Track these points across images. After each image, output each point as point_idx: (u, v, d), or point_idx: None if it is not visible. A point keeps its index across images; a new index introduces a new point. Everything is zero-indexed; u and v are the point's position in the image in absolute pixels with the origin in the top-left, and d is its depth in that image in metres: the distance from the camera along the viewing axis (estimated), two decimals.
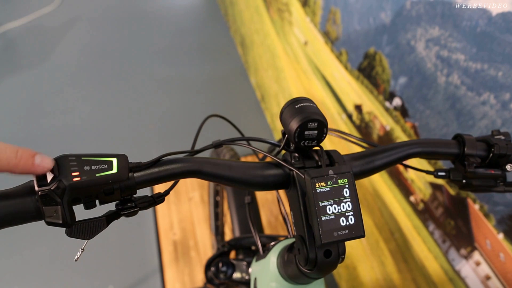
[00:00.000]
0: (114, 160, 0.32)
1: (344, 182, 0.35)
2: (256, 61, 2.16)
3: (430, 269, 0.93)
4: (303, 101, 0.38)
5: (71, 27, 2.75)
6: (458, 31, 0.72)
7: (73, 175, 0.30)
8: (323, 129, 0.37)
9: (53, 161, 0.30)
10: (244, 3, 2.19)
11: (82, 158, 0.31)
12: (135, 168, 0.35)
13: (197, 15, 2.95)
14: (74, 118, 2.09)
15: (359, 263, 1.29)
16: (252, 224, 0.61)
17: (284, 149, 0.41)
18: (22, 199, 0.30)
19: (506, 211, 0.69)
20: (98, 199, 0.33)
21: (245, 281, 0.73)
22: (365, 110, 1.09)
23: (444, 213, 0.85)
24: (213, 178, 0.38)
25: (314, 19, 1.29)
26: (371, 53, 1.00)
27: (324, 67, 1.30)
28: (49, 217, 0.29)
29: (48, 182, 0.29)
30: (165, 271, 1.53)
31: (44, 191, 0.29)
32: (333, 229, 0.34)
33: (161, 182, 0.36)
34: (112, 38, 2.68)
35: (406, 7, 0.85)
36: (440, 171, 0.49)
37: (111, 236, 1.57)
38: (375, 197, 1.13)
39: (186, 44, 2.62)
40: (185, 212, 1.72)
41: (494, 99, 0.66)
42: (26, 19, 2.80)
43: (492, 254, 0.73)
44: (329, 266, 0.37)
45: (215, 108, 2.17)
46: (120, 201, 0.34)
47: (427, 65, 0.81)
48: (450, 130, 0.78)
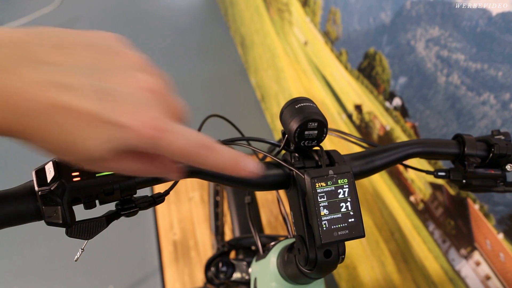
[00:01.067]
0: None
1: (344, 182, 0.35)
2: (256, 61, 2.16)
3: (430, 269, 0.93)
4: (303, 101, 0.38)
5: (71, 27, 2.74)
6: (458, 31, 0.72)
7: (73, 175, 0.30)
8: (323, 129, 0.37)
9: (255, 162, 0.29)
10: (244, 3, 2.19)
11: None
12: None
13: (197, 15, 2.95)
14: None
15: (359, 263, 1.29)
16: (252, 224, 0.61)
17: (284, 149, 0.41)
18: (22, 199, 0.30)
19: (506, 211, 0.69)
20: (98, 199, 0.33)
21: (245, 281, 0.73)
22: (365, 110, 1.09)
23: (444, 213, 0.85)
24: (213, 178, 0.38)
25: (314, 19, 1.29)
26: (371, 53, 1.00)
27: (324, 67, 1.30)
28: (49, 217, 0.29)
29: (48, 182, 0.29)
30: (165, 271, 1.53)
31: (44, 191, 0.29)
32: (333, 229, 0.34)
33: (161, 182, 0.36)
34: None
35: (406, 7, 0.85)
36: (440, 171, 0.49)
37: (111, 236, 1.57)
38: (375, 197, 1.13)
39: (186, 44, 2.62)
40: (185, 212, 1.72)
41: (494, 99, 0.66)
42: (26, 19, 2.80)
43: (492, 254, 0.73)
44: (329, 266, 0.37)
45: (215, 108, 2.17)
46: (120, 201, 0.34)
47: (427, 65, 0.81)
48: (450, 130, 0.78)
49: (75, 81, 0.22)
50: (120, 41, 0.27)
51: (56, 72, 0.22)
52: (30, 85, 0.21)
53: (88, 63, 0.23)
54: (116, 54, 0.25)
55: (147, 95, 0.24)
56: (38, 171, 0.30)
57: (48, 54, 0.22)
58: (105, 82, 0.23)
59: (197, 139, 0.25)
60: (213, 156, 0.26)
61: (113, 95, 0.23)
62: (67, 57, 0.23)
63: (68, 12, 2.89)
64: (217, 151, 0.26)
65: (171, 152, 0.24)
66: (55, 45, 0.23)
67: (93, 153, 0.23)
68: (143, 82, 0.24)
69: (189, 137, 0.25)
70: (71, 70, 0.22)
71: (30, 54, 0.21)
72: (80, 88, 0.22)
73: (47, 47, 0.22)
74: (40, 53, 0.22)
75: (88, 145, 0.23)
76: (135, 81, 0.24)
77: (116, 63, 0.25)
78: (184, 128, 0.25)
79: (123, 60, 0.25)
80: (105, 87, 0.23)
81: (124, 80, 0.24)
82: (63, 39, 0.24)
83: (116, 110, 0.22)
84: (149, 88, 0.24)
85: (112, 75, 0.24)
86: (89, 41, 0.25)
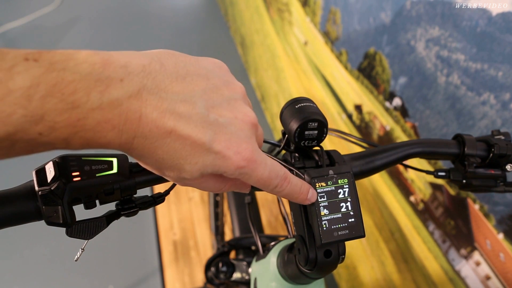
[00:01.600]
0: (114, 160, 0.32)
1: (344, 182, 0.35)
2: (256, 61, 2.16)
3: (430, 269, 0.93)
4: (303, 101, 0.38)
5: (71, 27, 2.76)
6: (458, 31, 0.72)
7: (73, 175, 0.30)
8: (323, 129, 0.37)
9: (316, 195, 0.34)
10: (244, 3, 2.19)
11: (82, 158, 0.31)
12: (135, 168, 0.35)
13: (197, 15, 2.95)
14: None
15: (359, 263, 1.29)
16: (252, 224, 0.61)
17: (284, 149, 0.41)
18: (22, 199, 0.30)
19: (506, 211, 0.69)
20: (98, 199, 0.33)
21: (245, 281, 0.73)
22: (365, 110, 1.09)
23: (444, 213, 0.85)
24: None
25: (314, 19, 1.29)
26: (371, 53, 1.00)
27: (324, 67, 1.30)
28: (49, 217, 0.29)
29: (48, 182, 0.29)
30: (165, 271, 1.53)
31: (44, 191, 0.29)
32: (333, 229, 0.34)
33: (162, 182, 0.36)
34: (112, 38, 2.68)
35: (406, 7, 0.85)
36: (440, 171, 0.49)
37: (111, 236, 1.57)
38: (375, 197, 1.13)
39: (186, 44, 2.62)
40: (185, 212, 1.72)
41: (494, 99, 0.66)
42: (26, 19, 2.80)
43: (492, 254, 0.73)
44: (329, 266, 0.37)
45: None
46: (120, 201, 0.34)
47: (427, 65, 0.81)
48: (450, 130, 0.78)
49: (193, 111, 0.25)
50: (226, 69, 0.31)
51: (177, 101, 0.25)
52: (155, 113, 0.24)
53: (203, 93, 0.26)
54: (225, 84, 0.29)
55: (247, 128, 0.28)
56: (38, 171, 0.30)
57: (170, 84, 0.25)
58: (217, 114, 0.26)
59: (278, 171, 0.29)
60: (288, 188, 0.30)
61: (222, 128, 0.26)
62: (186, 87, 0.26)
63: (68, 12, 2.89)
64: (291, 182, 0.31)
65: (255, 181, 0.28)
66: (177, 75, 0.26)
67: (191, 174, 0.27)
68: (245, 116, 0.28)
69: (272, 168, 0.29)
70: (189, 100, 0.25)
71: (157, 83, 0.24)
72: (196, 119, 0.25)
73: (170, 77, 0.25)
74: (164, 83, 0.25)
75: (191, 168, 0.26)
76: (240, 114, 0.28)
77: (226, 95, 0.28)
78: (269, 159, 0.29)
79: (230, 91, 0.28)
80: (216, 120, 0.26)
81: (231, 113, 0.27)
82: (183, 68, 0.27)
83: (223, 142, 0.26)
84: (249, 121, 0.28)
85: (221, 107, 0.27)
86: (204, 69, 0.28)
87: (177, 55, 0.27)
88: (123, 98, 0.22)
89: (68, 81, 0.21)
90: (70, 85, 0.21)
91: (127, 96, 0.23)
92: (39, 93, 0.20)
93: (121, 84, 0.22)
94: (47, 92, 0.20)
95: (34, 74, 0.20)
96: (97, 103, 0.21)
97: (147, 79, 0.24)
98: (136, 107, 0.23)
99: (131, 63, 0.24)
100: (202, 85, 0.27)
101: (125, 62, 0.23)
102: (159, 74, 0.25)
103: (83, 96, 0.21)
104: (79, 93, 0.21)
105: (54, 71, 0.20)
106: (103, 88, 0.22)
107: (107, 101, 0.22)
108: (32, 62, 0.20)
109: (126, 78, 0.23)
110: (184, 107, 0.25)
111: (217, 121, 0.26)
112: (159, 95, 0.24)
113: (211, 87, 0.27)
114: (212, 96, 0.27)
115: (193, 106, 0.25)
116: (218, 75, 0.29)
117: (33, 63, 0.20)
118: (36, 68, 0.20)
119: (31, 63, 0.20)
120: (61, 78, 0.20)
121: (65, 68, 0.21)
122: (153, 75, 0.24)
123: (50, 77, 0.20)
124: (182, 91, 0.25)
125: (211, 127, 0.26)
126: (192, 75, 0.27)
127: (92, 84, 0.21)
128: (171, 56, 0.27)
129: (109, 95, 0.22)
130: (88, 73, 0.21)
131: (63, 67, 0.21)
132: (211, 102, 0.27)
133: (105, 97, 0.22)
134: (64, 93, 0.20)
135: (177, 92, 0.25)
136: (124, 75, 0.23)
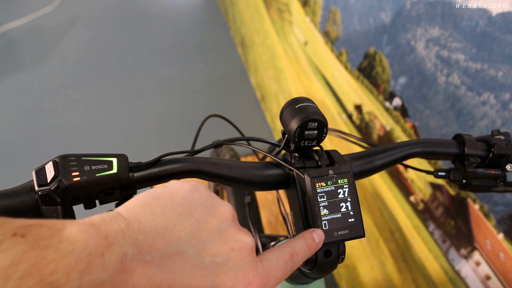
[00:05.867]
0: (114, 160, 0.32)
1: (344, 182, 0.35)
2: (256, 61, 2.16)
3: (430, 269, 0.93)
4: (303, 101, 0.38)
5: (71, 27, 2.76)
6: (458, 31, 0.72)
7: (73, 175, 0.30)
8: (323, 129, 0.37)
9: (322, 233, 0.34)
10: (244, 3, 2.19)
11: (82, 158, 0.31)
12: (135, 168, 0.35)
13: (197, 15, 2.95)
14: (74, 118, 2.09)
15: (359, 263, 1.29)
16: (252, 224, 0.61)
17: (284, 149, 0.41)
18: (22, 199, 0.30)
19: (506, 211, 0.69)
20: (98, 199, 0.33)
21: None
22: (365, 110, 1.09)
23: (444, 213, 0.85)
24: (213, 178, 0.38)
25: (314, 19, 1.29)
26: (371, 53, 1.00)
27: (324, 67, 1.30)
28: (49, 217, 0.29)
29: (48, 182, 0.29)
30: None
31: (44, 191, 0.29)
32: (333, 229, 0.34)
33: (161, 182, 0.36)
34: (112, 38, 2.68)
35: (406, 7, 0.85)
36: (440, 171, 0.49)
37: None
38: (375, 197, 1.13)
39: (186, 44, 2.62)
40: None
41: (494, 99, 0.66)
42: (26, 19, 2.80)
43: (492, 254, 0.73)
44: (329, 266, 0.37)
45: (215, 108, 2.17)
46: (120, 201, 0.34)
47: (427, 65, 0.81)
48: (450, 130, 0.78)
49: (186, 262, 0.24)
50: (204, 190, 0.29)
51: (165, 258, 0.24)
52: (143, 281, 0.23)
53: (190, 237, 0.26)
54: (209, 213, 0.28)
55: (246, 254, 0.27)
56: (38, 171, 0.30)
57: (153, 242, 0.24)
58: (211, 255, 0.26)
59: (285, 259, 0.29)
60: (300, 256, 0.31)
61: (221, 267, 0.26)
62: (170, 238, 0.25)
63: (68, 12, 2.89)
64: (299, 252, 0.31)
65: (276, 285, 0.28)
66: (157, 229, 0.25)
67: None
68: (241, 244, 0.27)
69: (280, 264, 0.29)
70: (178, 251, 0.25)
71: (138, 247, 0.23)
72: (192, 269, 0.24)
73: (151, 234, 0.24)
74: (146, 243, 0.24)
75: None
76: (235, 244, 0.27)
77: (214, 227, 0.27)
78: (271, 262, 0.29)
79: (218, 220, 0.28)
80: (213, 262, 0.25)
81: (226, 246, 0.27)
82: (162, 216, 0.26)
83: (228, 281, 0.25)
84: (247, 248, 0.27)
85: (213, 244, 0.26)
86: (183, 205, 0.27)
87: (149, 202, 0.26)
88: (104, 276, 0.21)
89: (48, 260, 0.20)
90: (49, 264, 0.20)
91: (108, 273, 0.21)
92: (18, 272, 0.19)
93: (102, 260, 0.21)
94: (26, 272, 0.19)
95: (17, 252, 0.19)
96: (76, 283, 0.20)
97: (127, 246, 0.23)
98: (121, 281, 0.22)
99: (111, 232, 0.23)
100: (186, 228, 0.26)
101: (106, 232, 0.23)
102: (139, 234, 0.24)
103: (62, 277, 0.20)
104: (58, 273, 0.20)
105: (37, 248, 0.20)
106: (83, 266, 0.21)
107: (88, 282, 0.21)
108: (19, 238, 0.19)
109: (106, 252, 0.22)
110: (175, 261, 0.24)
111: (214, 262, 0.25)
112: (144, 260, 0.23)
113: (196, 225, 0.26)
114: (200, 236, 0.26)
115: (184, 257, 0.24)
116: (199, 204, 0.28)
117: (19, 239, 0.19)
118: (21, 245, 0.19)
119: (17, 239, 0.19)
120: (42, 257, 0.19)
121: (48, 246, 0.20)
122: (132, 238, 0.23)
123: (32, 255, 0.19)
124: (168, 244, 0.24)
125: (210, 270, 0.25)
126: (173, 219, 0.26)
127: (72, 263, 0.20)
128: (146, 206, 0.26)
129: (90, 275, 0.21)
130: (69, 252, 0.20)
131: (45, 245, 0.20)
132: (202, 244, 0.26)
133: (85, 277, 0.20)
134: (43, 273, 0.19)
135: (162, 248, 0.24)
136: (105, 249, 0.22)
